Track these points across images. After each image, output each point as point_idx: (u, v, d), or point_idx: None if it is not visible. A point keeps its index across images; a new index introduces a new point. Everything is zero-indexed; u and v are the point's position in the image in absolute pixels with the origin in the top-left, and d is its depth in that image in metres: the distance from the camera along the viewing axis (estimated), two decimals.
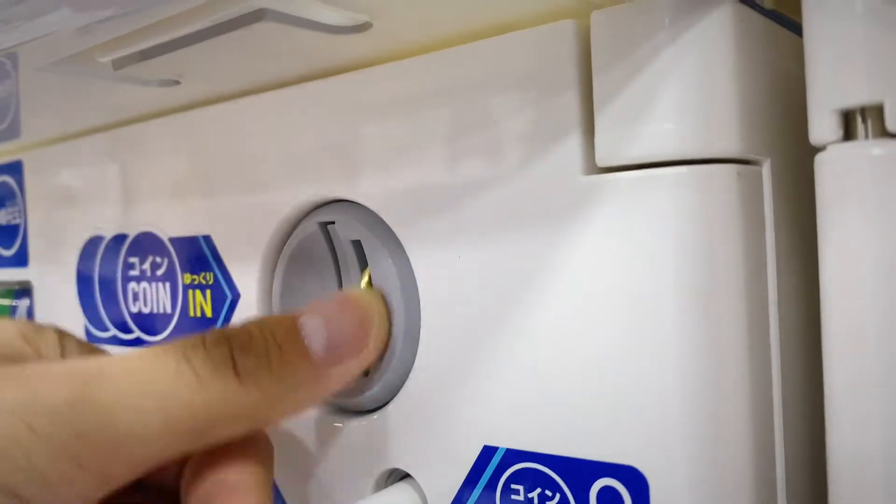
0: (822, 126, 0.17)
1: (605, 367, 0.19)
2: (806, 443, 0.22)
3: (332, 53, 0.23)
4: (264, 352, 0.19)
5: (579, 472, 0.20)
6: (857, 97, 0.16)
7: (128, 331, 0.31)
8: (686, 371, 0.18)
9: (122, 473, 0.17)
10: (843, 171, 0.17)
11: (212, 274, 0.28)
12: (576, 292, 0.20)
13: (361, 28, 0.20)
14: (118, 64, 0.23)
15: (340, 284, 0.25)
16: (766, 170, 0.20)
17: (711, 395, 0.18)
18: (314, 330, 0.20)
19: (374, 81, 0.24)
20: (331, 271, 0.25)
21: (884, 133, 0.16)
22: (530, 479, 0.20)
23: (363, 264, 0.24)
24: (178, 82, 0.25)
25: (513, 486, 0.21)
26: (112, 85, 0.26)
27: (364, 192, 0.24)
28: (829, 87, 0.17)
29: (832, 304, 0.17)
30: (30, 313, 0.37)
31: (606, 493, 0.19)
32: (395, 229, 0.23)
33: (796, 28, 0.22)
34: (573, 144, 0.20)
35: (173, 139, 0.30)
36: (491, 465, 0.21)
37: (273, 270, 0.26)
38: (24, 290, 0.37)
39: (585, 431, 0.19)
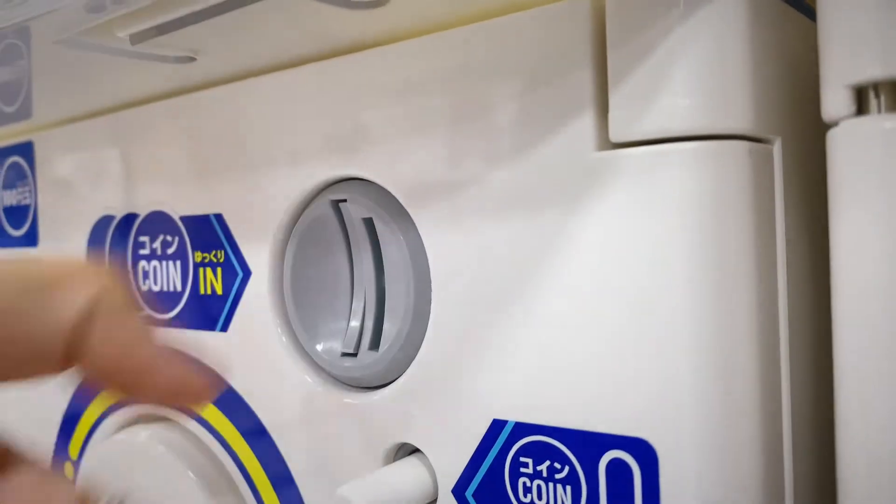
0: (835, 101, 0.17)
1: (615, 340, 0.19)
2: (813, 414, 0.22)
3: (347, 31, 0.23)
4: None
5: (588, 444, 0.20)
6: (870, 72, 0.16)
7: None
8: (696, 344, 0.18)
9: None
10: (855, 146, 0.17)
11: (223, 252, 0.28)
12: (587, 266, 0.20)
13: (378, 3, 0.21)
14: (136, 38, 0.23)
15: (351, 262, 0.25)
16: (776, 149, 0.20)
17: (721, 368, 0.18)
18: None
19: (386, 59, 0.24)
20: (342, 249, 0.25)
21: None
22: (539, 452, 0.21)
23: (374, 242, 0.24)
24: (193, 59, 0.26)
25: (522, 459, 0.21)
26: (125, 64, 0.26)
27: (376, 170, 0.24)
28: (842, 62, 0.17)
29: (843, 278, 0.17)
30: None
31: (616, 465, 0.19)
32: (406, 207, 0.23)
33: (807, 10, 0.22)
34: (587, 120, 0.20)
35: (184, 119, 0.30)
36: (500, 438, 0.21)
37: (284, 248, 0.26)
38: None
39: (595, 404, 0.20)
